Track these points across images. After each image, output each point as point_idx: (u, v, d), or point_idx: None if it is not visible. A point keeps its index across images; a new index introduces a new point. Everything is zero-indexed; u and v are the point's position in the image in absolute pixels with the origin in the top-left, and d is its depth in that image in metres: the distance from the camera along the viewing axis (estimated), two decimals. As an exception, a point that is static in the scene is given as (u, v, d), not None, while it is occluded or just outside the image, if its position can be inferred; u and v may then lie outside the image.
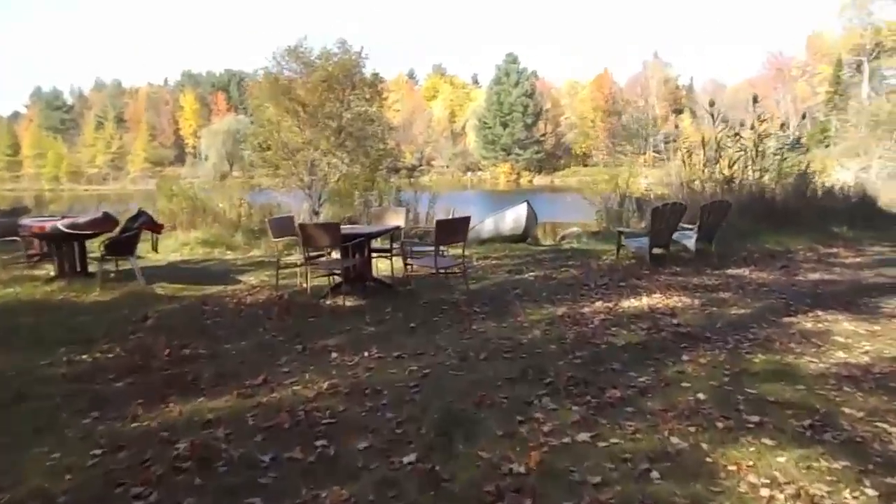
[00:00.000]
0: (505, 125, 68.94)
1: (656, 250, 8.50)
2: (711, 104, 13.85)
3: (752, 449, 3.04)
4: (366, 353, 4.70)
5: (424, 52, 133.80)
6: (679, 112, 67.74)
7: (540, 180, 64.87)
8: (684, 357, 4.50)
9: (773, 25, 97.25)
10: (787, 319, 5.60)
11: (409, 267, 6.85)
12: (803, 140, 13.35)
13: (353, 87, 14.22)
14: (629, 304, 6.16)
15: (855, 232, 11.72)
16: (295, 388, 3.99)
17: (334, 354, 4.72)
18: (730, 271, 8.03)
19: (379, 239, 7.33)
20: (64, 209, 24.19)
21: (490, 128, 69.98)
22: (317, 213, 13.35)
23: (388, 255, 7.36)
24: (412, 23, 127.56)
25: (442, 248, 6.54)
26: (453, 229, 6.28)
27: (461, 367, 4.35)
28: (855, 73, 57.93)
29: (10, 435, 3.34)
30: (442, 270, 6.50)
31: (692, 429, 3.26)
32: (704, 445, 3.09)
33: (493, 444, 3.11)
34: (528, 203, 10.61)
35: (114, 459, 3.00)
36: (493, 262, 8.94)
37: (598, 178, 15.74)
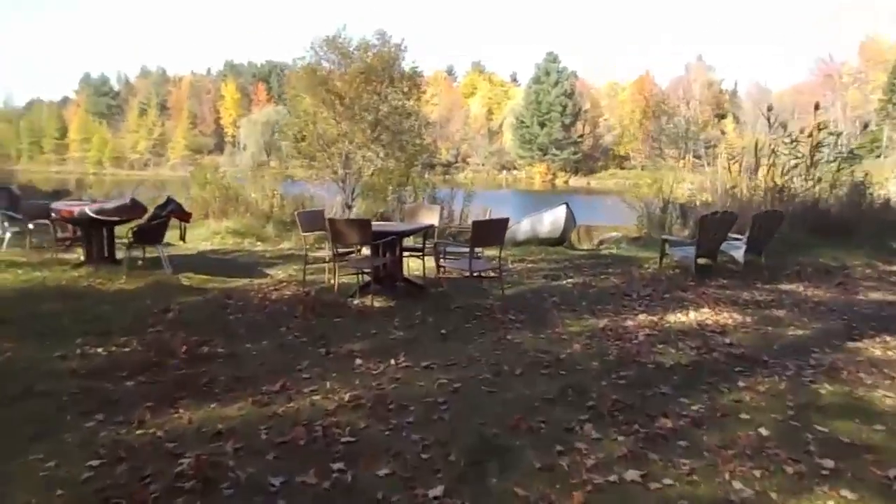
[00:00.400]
0: (542, 125, 68.20)
1: (702, 261, 8.02)
2: (770, 109, 13.21)
3: (830, 503, 2.64)
4: (392, 361, 4.39)
5: (465, 49, 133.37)
6: (722, 117, 66.13)
7: (576, 182, 64.04)
8: (740, 383, 4.08)
9: (822, 30, 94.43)
10: (852, 344, 5.12)
11: (441, 268, 6.53)
12: (857, 150, 12.65)
13: (391, 81, 13.93)
14: (675, 318, 5.73)
15: (915, 249, 11.02)
16: (314, 397, 3.70)
17: (359, 361, 4.42)
18: (782, 286, 7.52)
19: (412, 237, 7.03)
20: (102, 193, 24.54)
21: (527, 127, 69.32)
22: (350, 207, 13.13)
23: (421, 254, 7.05)
24: (453, 18, 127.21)
25: (477, 250, 6.21)
26: (490, 231, 5.93)
27: (495, 383, 4.01)
28: (910, 81, 55.91)
29: (9, 437, 3.11)
30: (476, 274, 6.16)
31: (757, 472, 2.87)
32: (773, 494, 2.69)
33: (530, 478, 2.77)
34: (567, 205, 10.20)
35: (111, 473, 2.73)
36: (529, 265, 8.57)
37: (639, 181, 15.20)
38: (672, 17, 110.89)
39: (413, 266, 7.42)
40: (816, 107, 13.40)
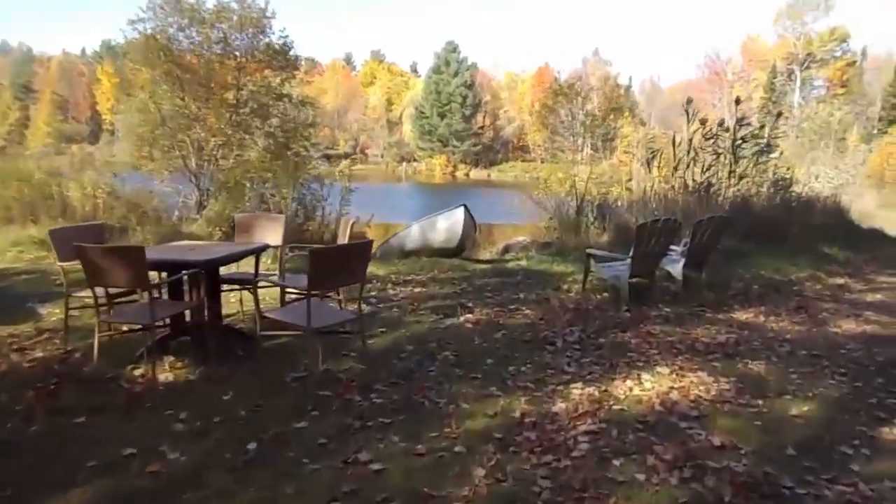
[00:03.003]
0: (443, 116, 66.46)
1: (637, 279, 6.27)
2: (689, 102, 11.84)
3: None
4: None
5: (362, 37, 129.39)
6: (617, 110, 67.03)
7: (477, 174, 62.90)
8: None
9: (710, 27, 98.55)
10: (887, 432, 3.40)
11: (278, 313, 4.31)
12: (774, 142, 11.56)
13: (253, 55, 11.45)
14: (625, 390, 3.82)
15: (845, 253, 9.92)
16: None
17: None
18: (737, 315, 5.87)
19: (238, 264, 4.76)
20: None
21: (427, 118, 67.36)
22: (204, 207, 10.56)
23: (251, 286, 4.75)
24: (351, 4, 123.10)
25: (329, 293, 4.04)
26: (340, 264, 3.72)
27: None
28: (787, 80, 58.80)
29: None
30: (320, 331, 3.96)
31: None
32: None
33: None
34: (466, 208, 8.20)
35: None
36: (417, 289, 6.49)
37: (544, 174, 13.46)
38: (570, 11, 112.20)
39: (253, 300, 5.14)
40: (689, 101, 12.21)
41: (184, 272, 4.09)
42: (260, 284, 4.67)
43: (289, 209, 9.67)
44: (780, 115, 13.59)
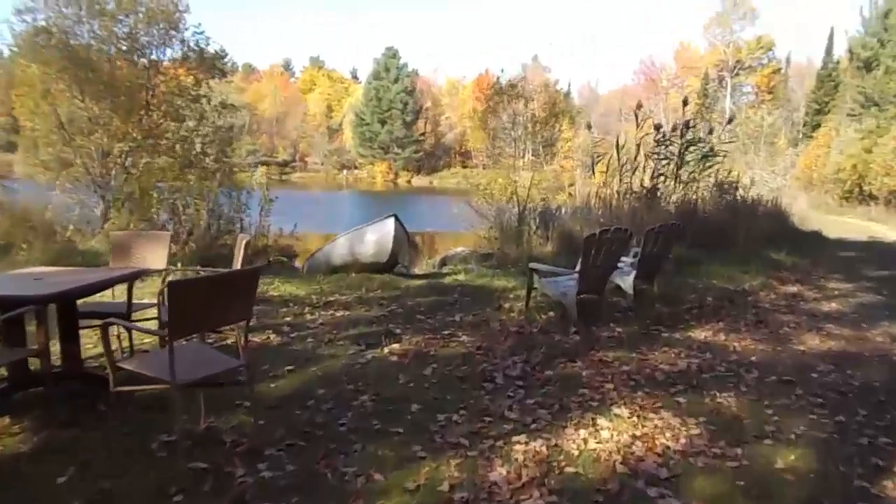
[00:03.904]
0: (383, 122, 65.55)
1: (586, 295, 5.63)
2: (639, 106, 11.45)
3: None
4: None
5: (302, 43, 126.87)
6: (557, 116, 67.54)
7: (418, 181, 62.23)
8: None
9: (645, 34, 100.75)
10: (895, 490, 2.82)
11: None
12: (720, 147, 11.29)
13: (164, 52, 10.41)
14: (579, 444, 3.12)
15: (792, 258, 9.64)
16: None
17: None
18: (695, 333, 5.31)
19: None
20: None
21: (368, 124, 66.30)
22: (108, 220, 9.43)
23: (110, 323, 3.82)
24: (290, 11, 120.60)
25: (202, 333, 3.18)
26: (211, 301, 2.82)
27: None
28: (718, 87, 60.58)
29: None
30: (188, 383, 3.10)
31: None
32: None
33: None
34: (397, 218, 7.42)
35: None
36: (339, 313, 5.68)
37: (487, 180, 12.79)
38: (510, 17, 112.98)
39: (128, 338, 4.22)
40: (639, 106, 11.92)
41: (23, 309, 3.18)
42: (132, 319, 3.77)
43: (201, 221, 8.72)
44: (731, 119, 13.36)
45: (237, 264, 3.72)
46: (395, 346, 4.65)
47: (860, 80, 36.99)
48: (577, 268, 5.54)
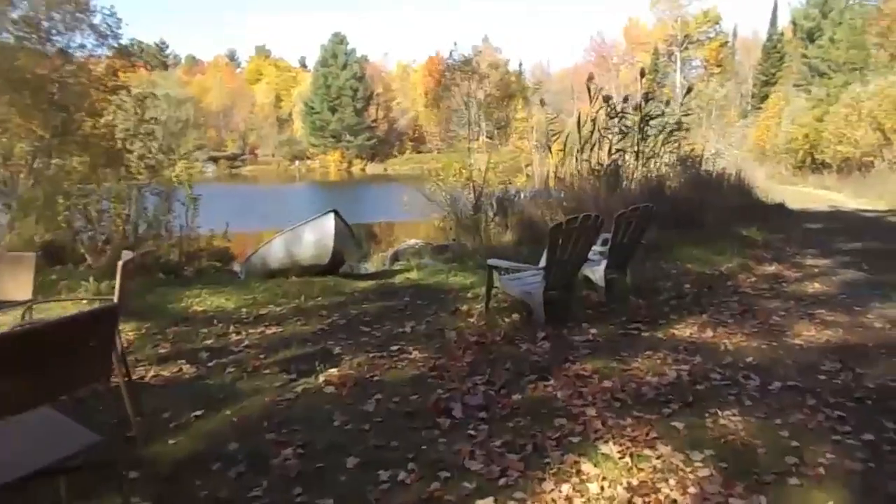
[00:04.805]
0: (334, 110, 63.98)
1: (554, 293, 4.95)
2: (590, 79, 10.82)
3: None
4: None
5: (246, 33, 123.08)
6: (511, 97, 66.97)
7: (373, 168, 61.05)
8: None
9: (594, 10, 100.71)
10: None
11: None
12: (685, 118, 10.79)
13: (73, 39, 9.31)
14: (562, 504, 2.42)
15: (764, 234, 9.19)
16: None
17: None
18: (679, 330, 4.68)
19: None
20: None
21: (318, 113, 64.63)
22: (14, 232, 8.35)
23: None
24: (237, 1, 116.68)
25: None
26: (29, 364, 1.91)
27: None
28: (668, 62, 60.88)
29: None
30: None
31: None
32: None
33: None
34: (337, 214, 6.59)
35: None
36: (269, 330, 4.86)
37: (441, 165, 11.99)
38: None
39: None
40: (590, 78, 11.37)
41: None
42: None
43: (121, 227, 7.76)
44: (690, 90, 12.87)
45: (117, 295, 2.88)
46: (333, 371, 3.87)
47: (805, 50, 37.36)
48: (543, 262, 4.85)
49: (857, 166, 22.77)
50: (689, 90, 12.33)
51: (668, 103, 10.87)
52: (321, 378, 3.76)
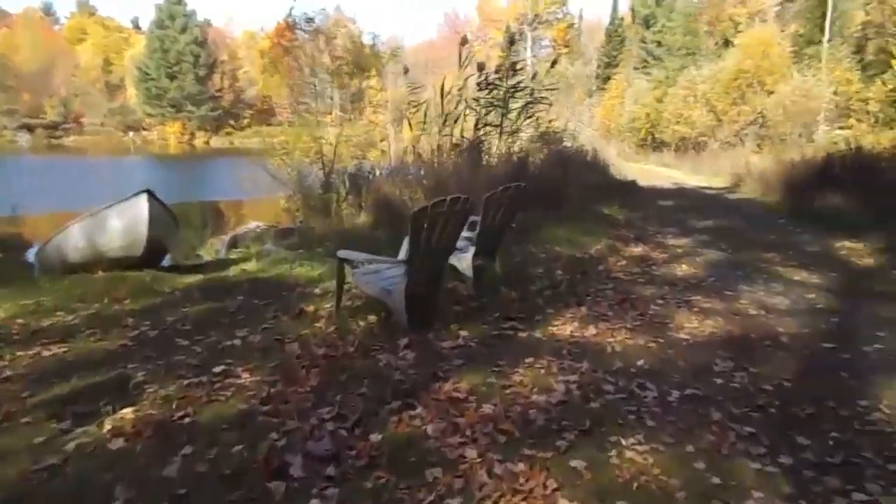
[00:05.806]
0: (172, 77, 58.85)
1: (418, 289, 4.19)
2: (464, 42, 10.13)
3: None
4: None
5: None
6: (365, 69, 65.30)
7: (218, 141, 57.12)
8: None
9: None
10: None
11: None
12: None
13: None
14: None
15: (624, 212, 9.12)
16: None
17: None
18: (558, 328, 4.14)
19: None
20: None
21: (154, 80, 59.14)
22: None
23: None
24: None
25: None
26: None
27: None
28: (519, 39, 62.39)
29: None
30: None
31: None
32: None
33: None
34: (151, 195, 5.36)
35: None
36: (48, 351, 3.65)
37: (289, 138, 10.76)
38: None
39: None
40: (464, 42, 10.88)
41: None
42: None
43: None
44: (555, 62, 12.59)
45: None
46: (127, 412, 2.83)
47: (643, 34, 39.53)
48: (404, 253, 4.08)
49: (692, 145, 24.31)
50: (555, 62, 12.04)
51: (534, 76, 10.44)
52: (107, 426, 2.71)
